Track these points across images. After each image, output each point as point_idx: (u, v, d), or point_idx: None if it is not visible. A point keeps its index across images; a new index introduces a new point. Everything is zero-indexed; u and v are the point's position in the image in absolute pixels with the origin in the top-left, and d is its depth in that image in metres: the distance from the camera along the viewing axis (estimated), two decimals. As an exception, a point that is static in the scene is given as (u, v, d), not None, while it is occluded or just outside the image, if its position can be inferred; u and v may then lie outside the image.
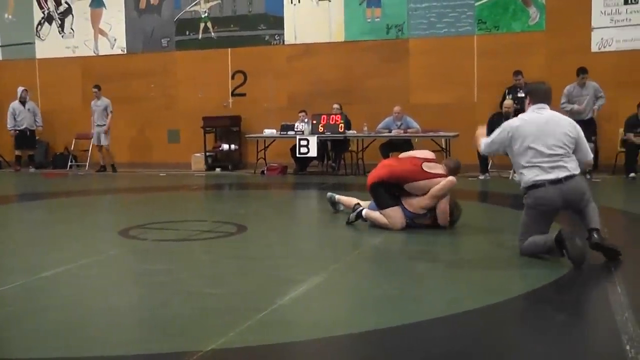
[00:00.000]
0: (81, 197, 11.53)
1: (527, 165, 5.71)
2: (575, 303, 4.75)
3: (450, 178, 7.25)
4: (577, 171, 5.68)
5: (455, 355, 3.75)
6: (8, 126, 16.25)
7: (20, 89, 16.26)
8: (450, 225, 7.35)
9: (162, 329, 4.22)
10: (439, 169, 7.44)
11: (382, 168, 7.63)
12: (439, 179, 7.26)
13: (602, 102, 12.84)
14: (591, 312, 4.71)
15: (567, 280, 5.17)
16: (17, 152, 16.40)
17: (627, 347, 3.70)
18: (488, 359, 3.74)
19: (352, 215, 7.65)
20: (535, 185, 5.62)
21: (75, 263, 5.99)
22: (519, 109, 12.97)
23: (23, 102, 16.19)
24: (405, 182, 7.30)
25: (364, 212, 7.54)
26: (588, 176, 12.20)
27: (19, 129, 16.15)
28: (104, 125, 15.36)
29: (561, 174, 5.60)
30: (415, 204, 7.29)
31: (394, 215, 7.25)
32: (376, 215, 7.41)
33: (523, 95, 12.89)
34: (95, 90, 15.39)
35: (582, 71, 12.78)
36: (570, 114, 12.66)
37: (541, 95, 5.91)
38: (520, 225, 5.83)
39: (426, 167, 7.40)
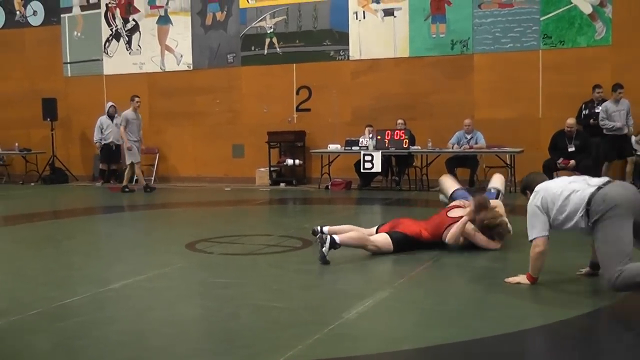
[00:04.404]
0: (147, 211, 11.74)
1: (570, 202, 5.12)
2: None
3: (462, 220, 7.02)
4: None
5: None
6: (94, 139, 16.63)
7: (108, 103, 16.64)
8: (499, 241, 7.20)
9: (229, 341, 4.27)
10: (462, 210, 7.27)
11: (415, 225, 7.28)
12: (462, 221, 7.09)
13: (632, 121, 12.87)
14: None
15: (637, 298, 5.06)
16: (102, 166, 16.78)
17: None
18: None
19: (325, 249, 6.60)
20: (593, 194, 4.98)
21: (143, 275, 6.11)
22: (595, 125, 12.85)
23: (111, 117, 16.47)
24: (439, 236, 7.16)
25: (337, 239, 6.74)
26: None
27: (105, 142, 16.47)
28: (139, 140, 14.89)
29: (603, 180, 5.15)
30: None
31: (383, 240, 7.04)
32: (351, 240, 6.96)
33: (599, 110, 12.84)
34: (139, 100, 14.89)
35: (619, 87, 12.67)
36: (610, 130, 12.60)
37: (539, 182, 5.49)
38: (609, 249, 4.83)
39: (451, 213, 7.27)
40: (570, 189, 5.10)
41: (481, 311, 4.97)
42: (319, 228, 7.21)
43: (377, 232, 7.30)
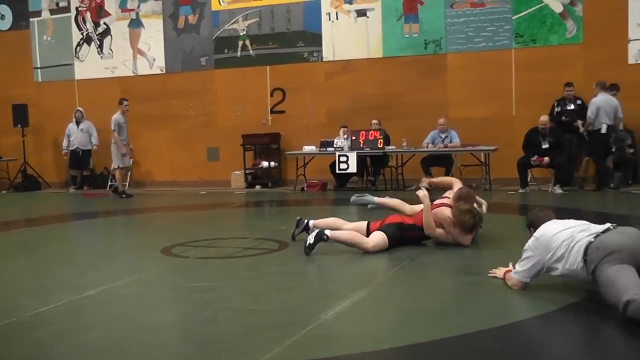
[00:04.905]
0: (122, 217, 11.64)
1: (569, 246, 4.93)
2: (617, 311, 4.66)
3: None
4: None
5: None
6: (63, 146, 16.58)
7: (76, 109, 16.54)
8: (471, 236, 7.19)
9: (206, 345, 4.24)
10: (444, 198, 7.33)
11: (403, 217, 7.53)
12: (441, 207, 7.17)
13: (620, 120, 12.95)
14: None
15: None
16: (73, 173, 16.66)
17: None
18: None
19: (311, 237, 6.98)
20: (590, 243, 4.77)
21: (119, 281, 6.05)
22: (568, 122, 12.92)
23: (77, 122, 16.40)
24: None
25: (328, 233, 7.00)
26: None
27: (71, 149, 16.40)
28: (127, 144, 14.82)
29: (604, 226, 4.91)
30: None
31: (378, 240, 7.09)
32: (345, 236, 7.12)
33: (572, 107, 12.88)
34: (128, 103, 14.74)
35: (615, 88, 12.80)
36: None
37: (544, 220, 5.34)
38: (612, 291, 4.52)
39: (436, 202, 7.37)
40: (571, 239, 4.89)
41: (460, 308, 4.97)
42: (305, 221, 7.62)
43: (368, 228, 7.34)
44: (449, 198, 7.44)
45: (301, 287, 5.76)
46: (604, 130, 12.35)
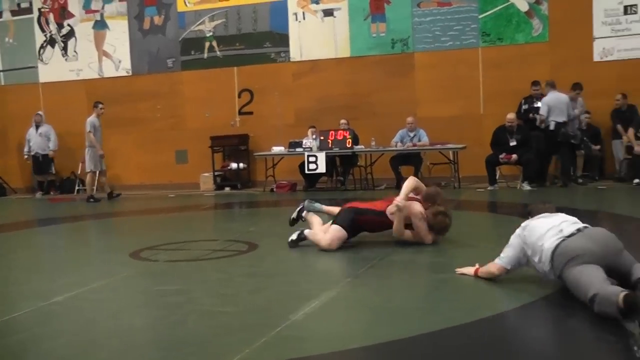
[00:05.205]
0: (90, 221, 11.53)
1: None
2: (587, 307, 4.71)
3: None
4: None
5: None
6: (24, 151, 16.38)
7: (36, 113, 16.35)
8: (438, 234, 7.20)
9: (176, 348, 4.20)
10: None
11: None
12: (412, 202, 7.15)
13: (585, 117, 13.40)
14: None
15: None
16: (38, 178, 16.45)
17: (635, 348, 3.79)
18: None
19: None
20: (556, 247, 4.83)
21: (87, 286, 5.98)
22: (535, 119, 13.05)
23: (37, 127, 16.19)
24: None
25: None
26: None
27: (31, 154, 16.22)
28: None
29: (578, 225, 4.99)
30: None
31: (333, 233, 7.18)
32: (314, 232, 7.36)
33: (539, 105, 13.03)
34: (103, 106, 14.66)
35: (579, 87, 13.02)
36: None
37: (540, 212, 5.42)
38: (579, 290, 4.57)
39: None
40: (544, 239, 4.93)
41: (429, 306, 4.99)
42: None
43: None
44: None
45: (271, 288, 5.74)
46: (552, 127, 12.67)
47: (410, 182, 7.22)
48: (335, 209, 7.65)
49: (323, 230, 7.35)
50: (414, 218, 7.06)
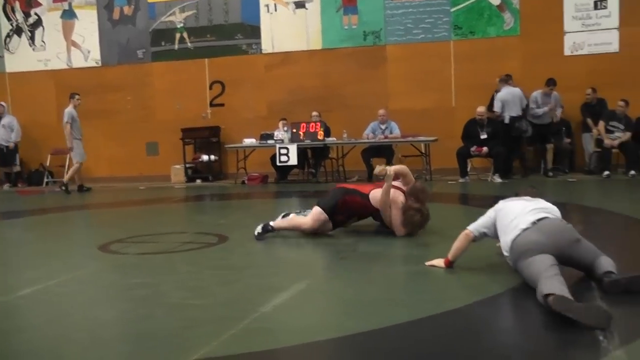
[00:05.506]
0: (58, 214, 11.37)
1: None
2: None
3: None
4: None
5: (440, 355, 3.77)
6: None
7: None
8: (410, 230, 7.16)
9: (144, 342, 4.15)
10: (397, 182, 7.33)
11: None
12: (396, 190, 7.16)
13: (561, 111, 13.53)
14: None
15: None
16: (4, 169, 16.20)
17: (600, 338, 3.81)
18: (473, 357, 3.73)
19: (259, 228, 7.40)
20: (512, 241, 4.93)
21: (54, 280, 5.89)
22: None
23: (0, 118, 15.89)
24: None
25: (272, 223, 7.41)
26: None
27: None
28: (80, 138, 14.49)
29: (539, 215, 5.01)
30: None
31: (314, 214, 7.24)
32: (285, 222, 7.43)
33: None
34: (80, 97, 14.43)
35: (552, 82, 13.08)
36: (536, 117, 13.02)
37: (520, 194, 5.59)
38: (531, 276, 4.63)
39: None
40: (510, 228, 4.99)
41: (400, 298, 4.98)
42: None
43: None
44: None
45: (240, 281, 5.69)
46: (507, 121, 12.92)
47: (403, 166, 7.33)
48: (300, 219, 7.52)
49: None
50: (394, 205, 7.05)
